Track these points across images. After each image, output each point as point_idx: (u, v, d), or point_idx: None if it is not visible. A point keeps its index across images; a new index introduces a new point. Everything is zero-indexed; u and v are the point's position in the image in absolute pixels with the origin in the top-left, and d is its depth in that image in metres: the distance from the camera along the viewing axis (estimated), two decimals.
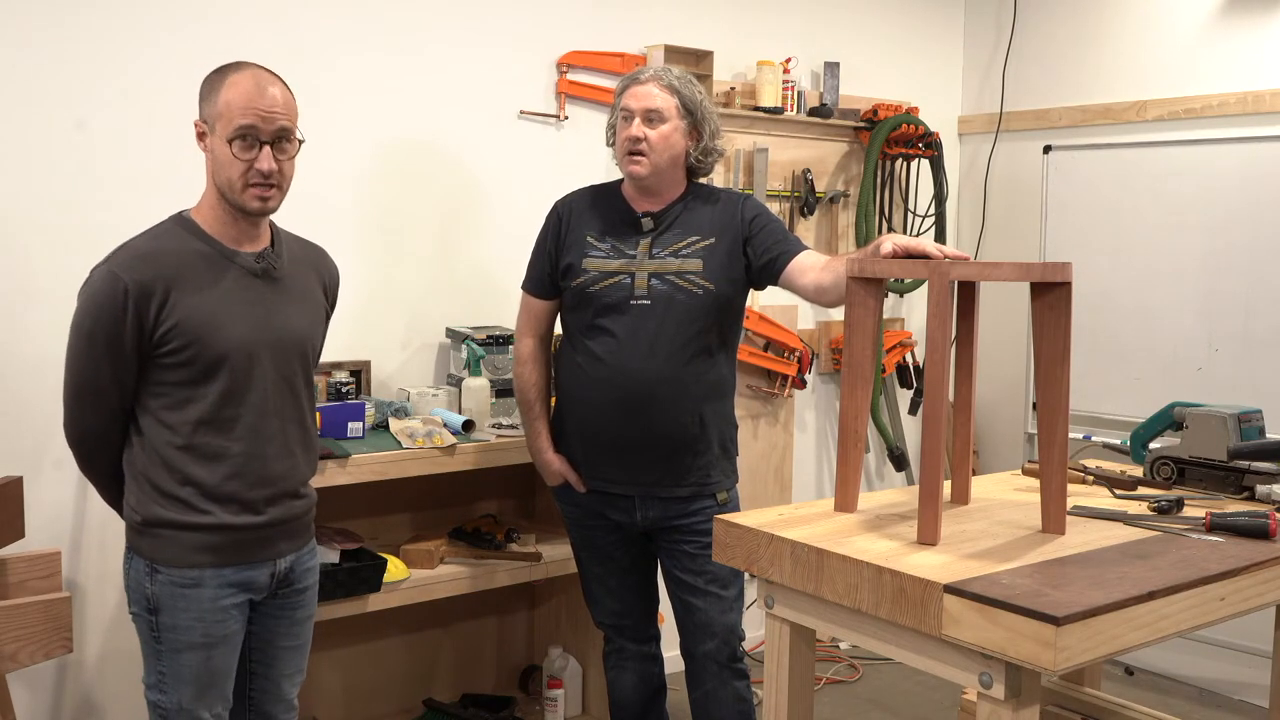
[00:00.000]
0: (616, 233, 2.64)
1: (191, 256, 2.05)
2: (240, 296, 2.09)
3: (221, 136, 2.03)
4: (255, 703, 2.26)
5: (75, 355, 2.06)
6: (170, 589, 2.08)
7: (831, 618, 1.87)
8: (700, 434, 2.61)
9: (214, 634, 2.11)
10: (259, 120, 2.02)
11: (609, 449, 2.63)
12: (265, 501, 2.14)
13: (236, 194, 2.06)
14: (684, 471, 2.62)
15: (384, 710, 3.39)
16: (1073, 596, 1.61)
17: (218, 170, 2.06)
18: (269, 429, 2.13)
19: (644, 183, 2.62)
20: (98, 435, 2.11)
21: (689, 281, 2.57)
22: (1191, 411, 2.39)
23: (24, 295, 2.82)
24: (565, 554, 3.25)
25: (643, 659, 2.86)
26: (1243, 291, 3.81)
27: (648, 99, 2.58)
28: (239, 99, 2.02)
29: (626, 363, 2.56)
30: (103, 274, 2.02)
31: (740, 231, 2.61)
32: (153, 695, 2.13)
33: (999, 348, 4.42)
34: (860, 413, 2.05)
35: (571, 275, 2.64)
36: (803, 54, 4.18)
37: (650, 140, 2.56)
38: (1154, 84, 4.14)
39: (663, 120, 2.57)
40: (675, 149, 2.60)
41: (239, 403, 2.09)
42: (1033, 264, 1.97)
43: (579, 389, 2.65)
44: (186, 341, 2.03)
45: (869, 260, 2.04)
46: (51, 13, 2.81)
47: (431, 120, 3.40)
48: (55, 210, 2.84)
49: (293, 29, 3.13)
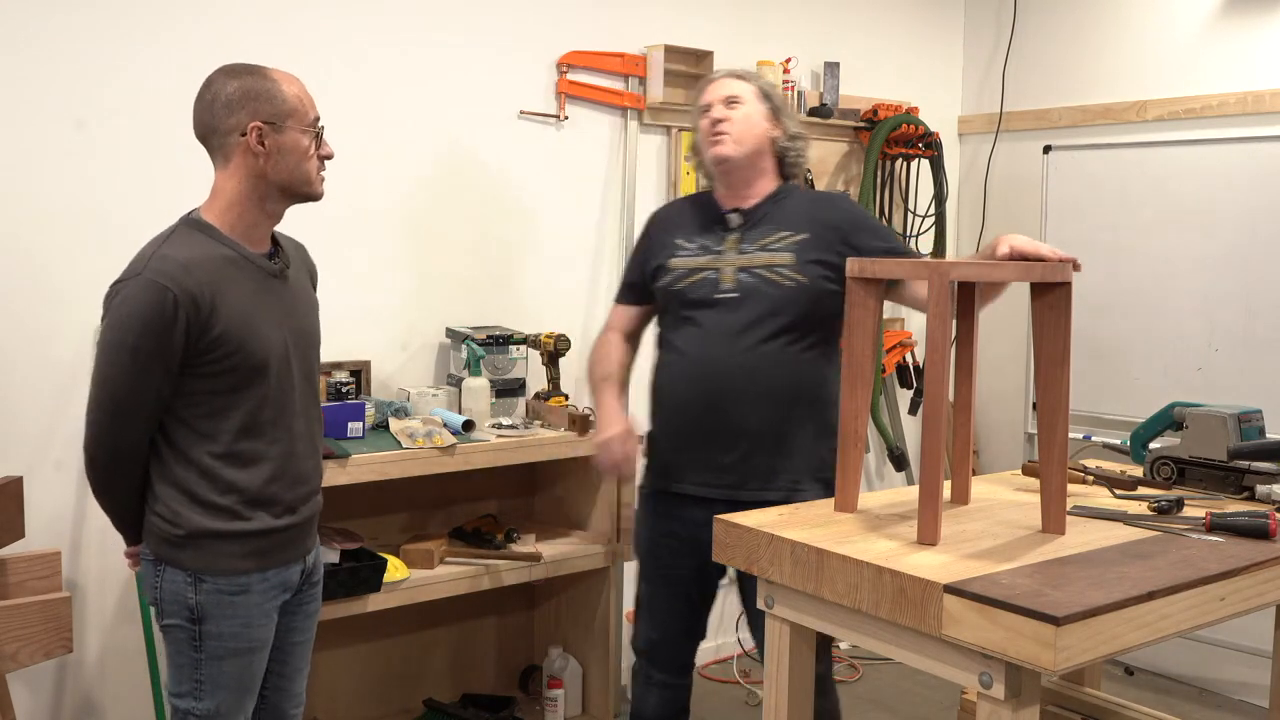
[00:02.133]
0: (705, 232, 2.58)
1: (221, 262, 2.02)
2: (266, 299, 2.08)
3: (298, 130, 2.04)
4: (268, 700, 2.26)
5: (115, 371, 1.98)
6: (217, 597, 2.06)
7: (831, 618, 1.87)
8: (786, 433, 2.48)
9: (257, 638, 2.11)
10: (317, 112, 2.09)
11: (691, 446, 2.53)
12: (300, 500, 2.15)
13: (312, 183, 2.08)
14: (769, 474, 2.49)
15: (384, 710, 3.39)
16: (1073, 596, 1.61)
17: (289, 164, 2.04)
18: (298, 428, 2.14)
19: (730, 165, 2.54)
20: (131, 451, 2.04)
21: (779, 274, 2.47)
22: (1191, 411, 2.39)
23: (24, 296, 2.82)
24: (565, 554, 3.26)
25: (669, 686, 2.72)
26: (1243, 291, 3.81)
27: (723, 88, 2.56)
28: (302, 93, 2.06)
29: (708, 353, 2.49)
30: (145, 285, 1.94)
31: (840, 229, 2.51)
32: (185, 703, 2.10)
33: (999, 348, 4.42)
34: (860, 413, 2.05)
35: (660, 275, 2.58)
36: (803, 54, 4.18)
37: (731, 119, 2.52)
38: (1154, 84, 4.14)
39: (741, 102, 2.53)
40: (757, 129, 2.54)
41: (276, 405, 2.09)
42: (1033, 264, 1.97)
43: (664, 386, 2.60)
44: (232, 348, 2.00)
45: (870, 261, 2.05)
46: (52, 12, 2.81)
47: (431, 120, 3.40)
48: (56, 211, 2.84)
49: (292, 29, 3.13)
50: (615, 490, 3.33)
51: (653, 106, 3.79)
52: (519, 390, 3.41)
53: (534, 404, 3.40)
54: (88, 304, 2.85)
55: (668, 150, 3.90)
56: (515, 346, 3.39)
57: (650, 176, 3.88)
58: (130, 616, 2.96)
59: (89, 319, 2.89)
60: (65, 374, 2.88)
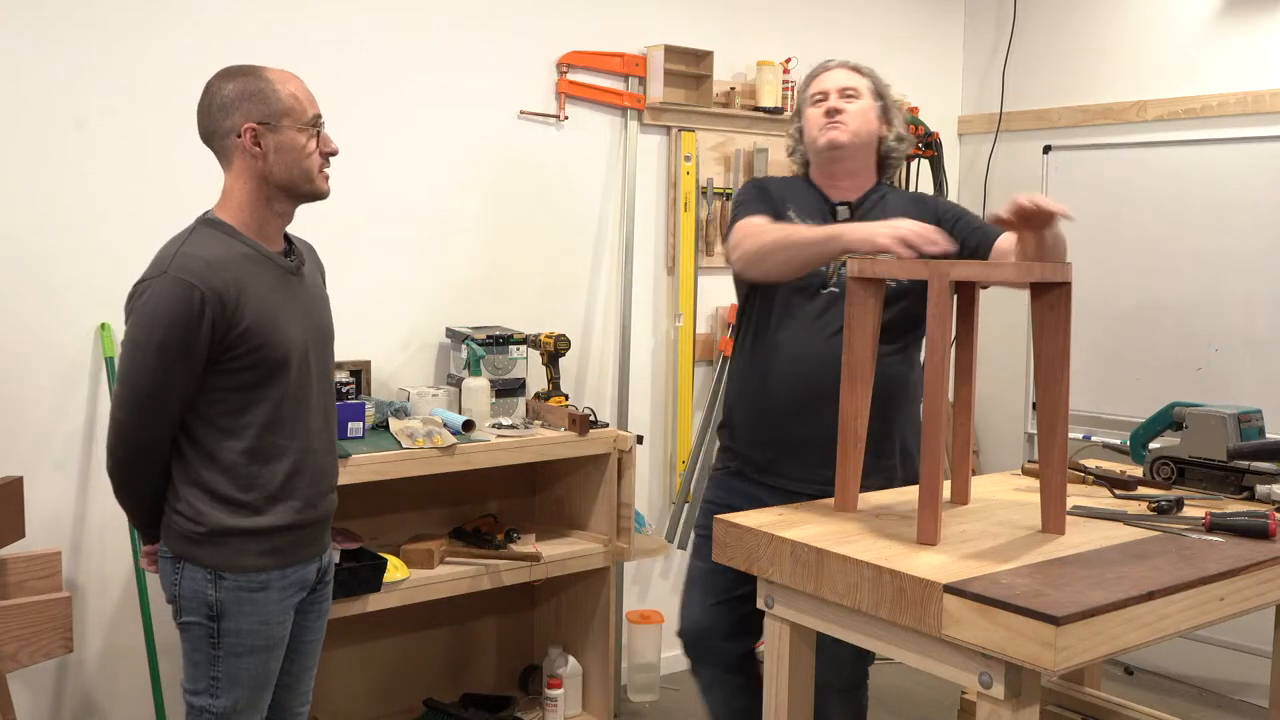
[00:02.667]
0: (813, 218, 2.49)
1: (242, 260, 2.04)
2: (285, 296, 2.09)
3: (294, 129, 2.04)
4: (276, 698, 2.26)
5: (141, 368, 1.99)
6: (237, 594, 2.07)
7: (831, 618, 1.87)
8: (882, 431, 2.40)
9: (275, 636, 2.12)
10: (317, 109, 2.09)
11: (789, 441, 2.48)
12: (319, 496, 2.17)
13: (314, 181, 2.08)
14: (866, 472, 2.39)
15: (384, 710, 3.39)
16: (1073, 596, 1.61)
17: (287, 163, 2.05)
18: (315, 424, 2.16)
19: (842, 154, 2.50)
20: (154, 448, 2.05)
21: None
22: (1191, 411, 2.39)
23: (24, 296, 2.82)
24: (565, 554, 3.25)
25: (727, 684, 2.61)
26: (1243, 291, 3.81)
27: (841, 79, 2.53)
28: (299, 91, 2.06)
29: (806, 348, 2.45)
30: (171, 282, 1.96)
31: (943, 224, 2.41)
32: (200, 700, 2.11)
33: (999, 348, 4.42)
34: (860, 413, 2.05)
35: None
36: (803, 54, 4.17)
37: (849, 111, 2.49)
38: (1154, 84, 4.14)
39: (858, 97, 2.51)
40: (870, 126, 2.52)
41: (297, 401, 2.10)
42: (1033, 264, 1.97)
43: (758, 379, 2.53)
44: (257, 344, 2.02)
45: (868, 261, 2.04)
46: (52, 12, 2.81)
47: (431, 120, 3.40)
48: (56, 211, 2.84)
49: (292, 30, 3.13)
50: (615, 490, 3.33)
51: (653, 106, 3.79)
52: (519, 390, 3.41)
53: (534, 404, 3.40)
54: (88, 304, 2.87)
55: (668, 150, 3.90)
56: (515, 346, 3.39)
57: (650, 176, 3.88)
58: (130, 616, 2.96)
59: (89, 319, 2.89)
60: (65, 374, 2.88)
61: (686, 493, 3.94)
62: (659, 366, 3.96)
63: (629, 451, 3.33)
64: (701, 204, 3.95)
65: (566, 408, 3.30)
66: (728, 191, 3.99)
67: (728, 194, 3.99)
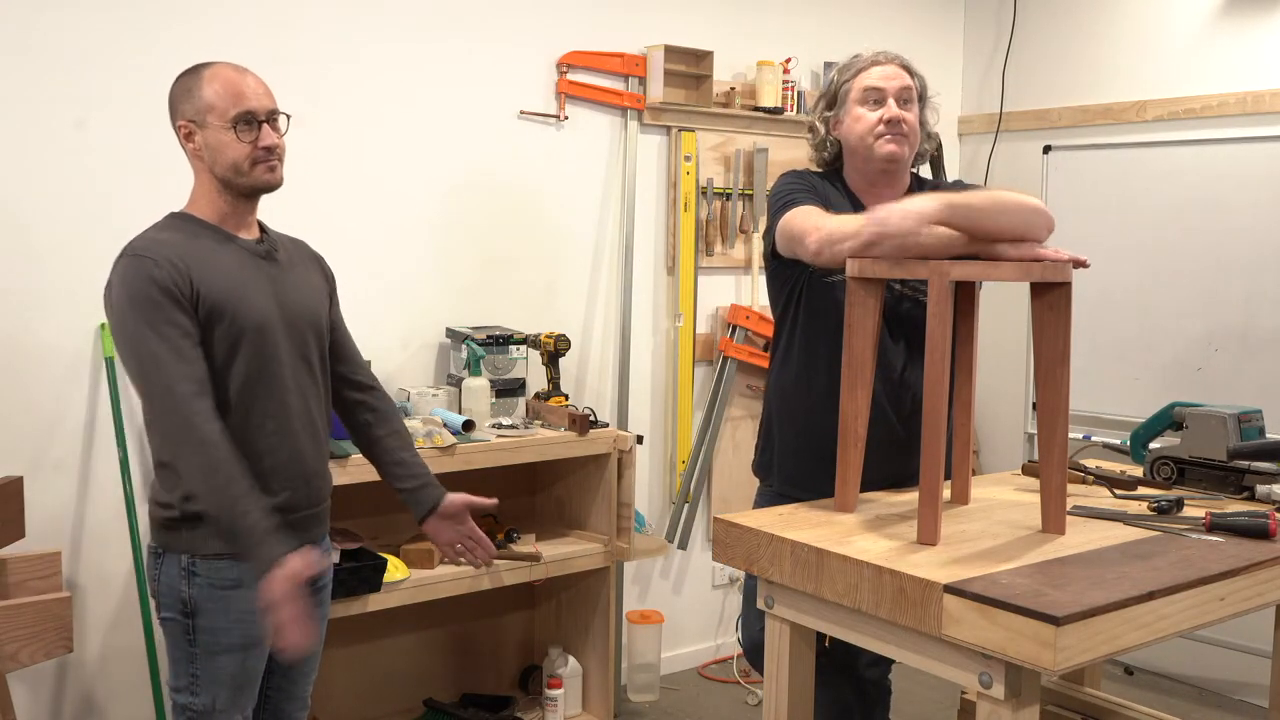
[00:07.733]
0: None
1: (199, 240, 2.08)
2: (252, 274, 2.11)
3: (219, 126, 2.07)
4: (271, 701, 2.26)
5: (137, 335, 1.96)
6: (209, 591, 2.07)
7: (831, 618, 1.87)
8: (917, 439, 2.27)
9: (251, 635, 2.10)
10: (254, 103, 2.09)
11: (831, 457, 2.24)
12: (299, 480, 2.14)
13: (245, 174, 2.09)
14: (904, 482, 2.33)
15: (384, 710, 3.39)
16: (1072, 596, 1.61)
17: (218, 159, 2.09)
18: (293, 404, 2.14)
19: (898, 167, 2.37)
20: (199, 395, 1.97)
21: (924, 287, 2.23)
22: (1191, 411, 2.39)
23: (25, 295, 2.82)
24: (565, 554, 3.26)
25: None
26: (1243, 291, 3.81)
27: (900, 78, 2.36)
28: (228, 88, 2.08)
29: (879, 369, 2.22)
30: (128, 261, 2.01)
31: None
32: (182, 698, 2.11)
33: (999, 348, 4.42)
34: (860, 413, 2.05)
35: None
36: (803, 54, 4.18)
37: (909, 122, 2.34)
38: (1154, 84, 4.14)
39: (913, 102, 2.37)
40: (918, 133, 2.39)
41: (270, 375, 2.10)
42: (1033, 264, 1.97)
43: (801, 392, 2.39)
44: (218, 311, 2.03)
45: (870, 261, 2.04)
46: (52, 12, 2.81)
47: (431, 120, 3.40)
48: (55, 211, 2.84)
49: (292, 30, 3.13)
50: (615, 490, 3.33)
51: (653, 106, 3.79)
52: (519, 390, 3.41)
53: (534, 404, 3.40)
54: (88, 304, 2.86)
55: (668, 150, 3.90)
56: (515, 346, 3.39)
57: (650, 176, 3.88)
58: (130, 616, 2.96)
59: (89, 319, 2.89)
60: (65, 374, 2.88)
61: (686, 493, 3.94)
62: (659, 366, 3.96)
63: (629, 451, 3.33)
64: (701, 204, 3.95)
65: (566, 408, 3.30)
66: (728, 191, 3.99)
67: (728, 194, 3.99)
